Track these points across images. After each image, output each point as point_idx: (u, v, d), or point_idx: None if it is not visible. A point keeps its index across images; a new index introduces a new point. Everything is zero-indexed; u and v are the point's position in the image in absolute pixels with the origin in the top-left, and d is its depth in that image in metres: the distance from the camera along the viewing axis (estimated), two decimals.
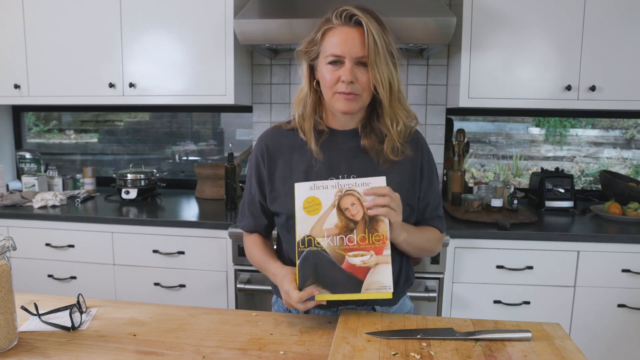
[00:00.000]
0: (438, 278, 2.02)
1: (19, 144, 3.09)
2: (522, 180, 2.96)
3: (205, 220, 2.15)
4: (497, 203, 2.31)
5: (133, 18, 2.36)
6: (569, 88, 2.19)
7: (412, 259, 1.29)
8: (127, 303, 1.22)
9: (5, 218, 2.29)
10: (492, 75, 2.23)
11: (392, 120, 1.15)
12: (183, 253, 2.17)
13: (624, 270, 2.00)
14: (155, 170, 2.72)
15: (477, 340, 0.98)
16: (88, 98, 2.47)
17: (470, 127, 2.92)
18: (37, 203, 2.37)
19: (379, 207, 1.04)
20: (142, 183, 2.58)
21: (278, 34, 2.09)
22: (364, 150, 1.18)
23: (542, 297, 2.04)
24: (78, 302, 1.15)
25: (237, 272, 2.10)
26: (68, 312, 1.09)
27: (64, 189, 2.77)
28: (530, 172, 2.80)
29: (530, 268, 2.02)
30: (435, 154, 2.57)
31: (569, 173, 2.62)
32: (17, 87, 2.49)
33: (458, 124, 2.77)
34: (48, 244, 2.27)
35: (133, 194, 2.53)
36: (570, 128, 2.89)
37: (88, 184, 2.77)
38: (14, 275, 1.01)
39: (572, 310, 2.04)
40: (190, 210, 2.38)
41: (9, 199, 2.41)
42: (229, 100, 2.36)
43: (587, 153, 2.90)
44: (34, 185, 2.63)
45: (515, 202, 2.31)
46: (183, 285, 2.19)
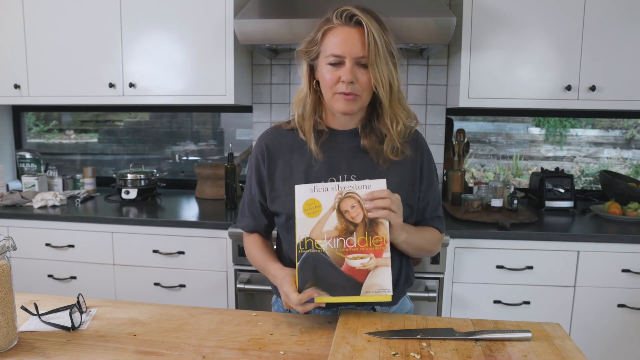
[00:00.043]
0: (438, 278, 2.02)
1: (19, 144, 3.09)
2: (522, 180, 2.96)
3: (205, 220, 2.15)
4: (497, 203, 2.31)
5: (133, 18, 2.36)
6: (569, 88, 2.19)
7: (412, 259, 1.29)
8: (127, 303, 1.22)
9: (5, 218, 2.29)
10: (492, 75, 2.23)
11: (392, 120, 1.16)
12: (183, 253, 2.17)
13: (624, 270, 2.00)
14: (155, 170, 2.72)
15: (477, 340, 0.98)
16: (88, 98, 2.47)
17: (470, 127, 2.92)
18: (37, 203, 2.37)
19: (380, 209, 1.04)
20: (142, 183, 2.58)
21: (278, 34, 2.09)
22: (364, 150, 1.18)
23: (542, 297, 2.04)
24: (78, 302, 1.15)
25: (237, 272, 2.10)
26: (68, 312, 1.09)
27: (64, 189, 2.77)
28: (530, 172, 2.80)
29: (530, 268, 2.02)
30: (435, 154, 2.58)
31: (569, 173, 2.62)
32: (17, 87, 2.49)
33: (458, 124, 2.77)
34: (48, 244, 2.27)
35: (133, 194, 2.54)
36: (570, 128, 2.89)
37: (88, 184, 2.77)
38: (14, 275, 1.01)
39: (572, 310, 2.04)
40: (190, 210, 2.38)
41: (9, 199, 2.41)
42: (229, 100, 2.36)
43: (587, 153, 2.90)
44: (34, 185, 2.63)
45: (515, 202, 2.31)
46: (183, 285, 2.19)
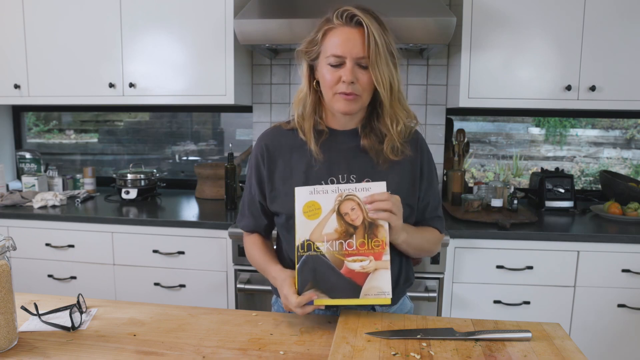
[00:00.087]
0: (438, 278, 2.02)
1: (19, 144, 3.09)
2: (522, 180, 2.96)
3: (205, 220, 2.15)
4: (497, 203, 2.31)
5: (133, 18, 2.36)
6: (569, 88, 2.19)
7: (412, 259, 1.29)
8: (127, 303, 1.22)
9: (5, 218, 2.29)
10: (492, 75, 2.23)
11: (392, 120, 1.16)
12: (183, 253, 2.17)
13: (624, 270, 2.00)
14: (155, 170, 2.72)
15: (477, 340, 0.98)
16: (88, 98, 2.47)
17: (470, 127, 2.92)
18: (37, 203, 2.37)
19: (380, 210, 1.04)
20: (142, 183, 2.58)
21: (278, 34, 2.09)
22: (364, 150, 1.18)
23: (542, 297, 2.04)
24: (78, 302, 1.15)
25: (237, 272, 2.10)
26: (68, 312, 1.09)
27: (64, 189, 2.77)
28: (530, 172, 2.80)
29: (530, 268, 2.02)
30: (435, 154, 2.58)
31: (569, 173, 2.62)
32: (17, 87, 2.49)
33: (458, 124, 2.77)
34: (48, 244, 2.27)
35: (133, 194, 2.53)
36: (570, 128, 2.89)
37: (88, 184, 2.77)
38: (14, 275, 1.01)
39: (572, 310, 2.04)
40: (190, 210, 2.38)
41: (9, 199, 2.41)
42: (229, 100, 2.36)
43: (587, 153, 2.90)
44: (34, 185, 2.63)
45: (515, 202, 2.31)
46: (183, 285, 2.19)
